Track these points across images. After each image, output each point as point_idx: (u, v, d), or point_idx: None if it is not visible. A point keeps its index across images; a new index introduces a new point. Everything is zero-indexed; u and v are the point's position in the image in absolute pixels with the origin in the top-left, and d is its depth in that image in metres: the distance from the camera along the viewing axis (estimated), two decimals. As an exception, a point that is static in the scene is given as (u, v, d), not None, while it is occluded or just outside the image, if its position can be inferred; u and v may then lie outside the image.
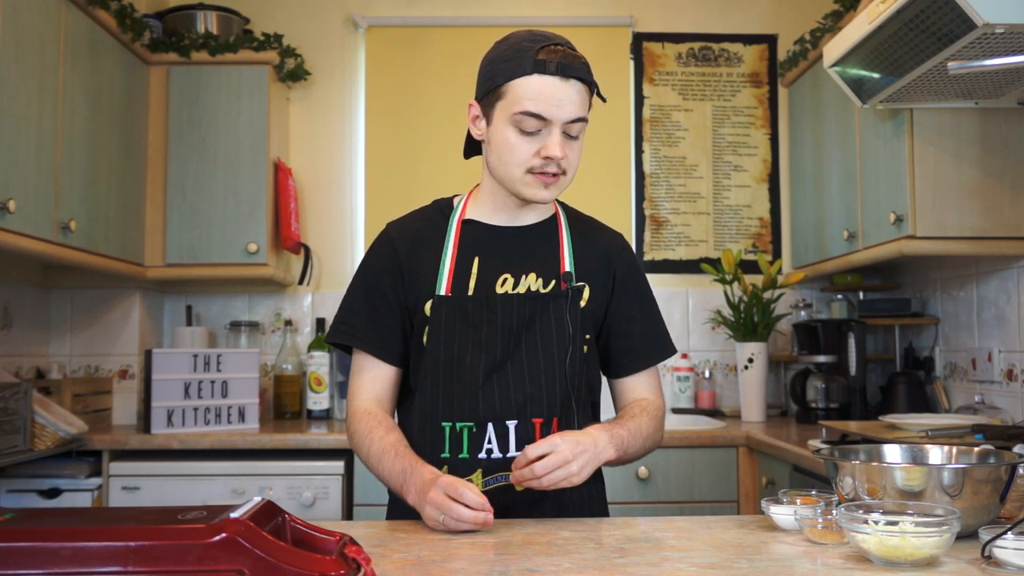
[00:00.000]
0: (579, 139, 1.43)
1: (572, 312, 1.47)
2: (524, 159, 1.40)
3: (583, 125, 1.41)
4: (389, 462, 1.39)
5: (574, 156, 1.42)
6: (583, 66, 1.39)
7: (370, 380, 1.51)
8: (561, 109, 1.36)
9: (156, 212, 2.99)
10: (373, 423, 1.46)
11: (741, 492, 2.66)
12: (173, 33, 3.07)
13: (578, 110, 1.38)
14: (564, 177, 1.43)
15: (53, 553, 0.80)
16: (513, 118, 1.38)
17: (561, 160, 1.39)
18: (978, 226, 2.37)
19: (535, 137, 1.39)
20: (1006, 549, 1.01)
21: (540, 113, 1.36)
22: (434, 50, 3.39)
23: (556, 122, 1.37)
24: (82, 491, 2.62)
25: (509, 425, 1.43)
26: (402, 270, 1.50)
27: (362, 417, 1.48)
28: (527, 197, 1.43)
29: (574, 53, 1.39)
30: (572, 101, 1.37)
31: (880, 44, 2.10)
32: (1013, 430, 1.93)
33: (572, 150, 1.41)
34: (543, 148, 1.38)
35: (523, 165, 1.40)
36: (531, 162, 1.39)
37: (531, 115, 1.36)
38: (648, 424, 1.49)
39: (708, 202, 3.43)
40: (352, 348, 1.53)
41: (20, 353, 2.88)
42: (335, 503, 2.60)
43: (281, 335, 3.30)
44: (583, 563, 1.08)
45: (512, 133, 1.39)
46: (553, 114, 1.36)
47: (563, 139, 1.39)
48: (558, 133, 1.38)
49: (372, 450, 1.43)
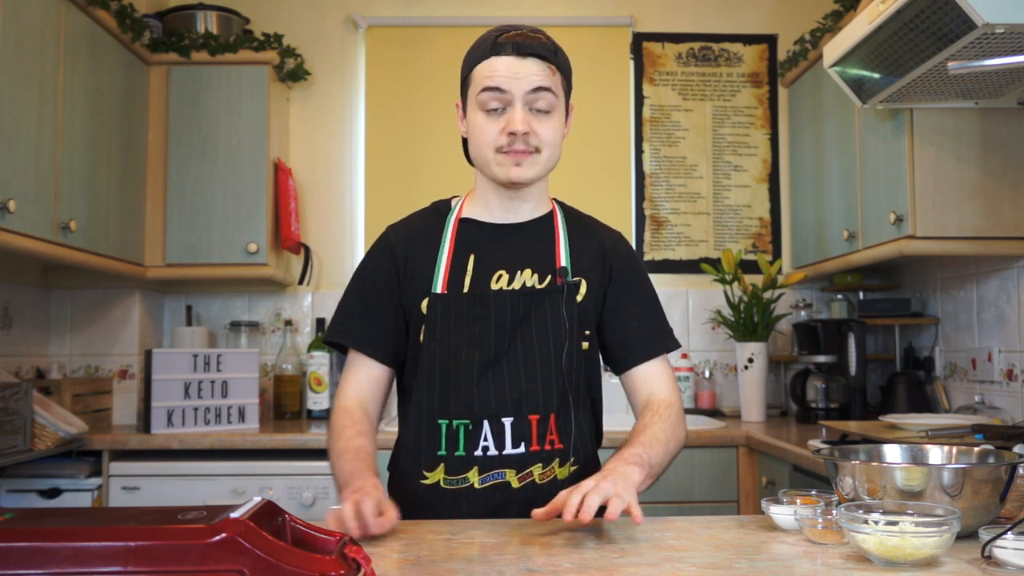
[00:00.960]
0: (552, 115, 1.43)
1: (568, 307, 1.46)
2: (491, 138, 1.42)
3: (553, 99, 1.42)
4: (344, 461, 1.39)
5: (547, 132, 1.43)
6: (542, 45, 1.42)
7: (356, 380, 1.52)
8: (520, 81, 1.40)
9: (156, 212, 2.99)
10: (347, 422, 1.46)
11: (741, 492, 2.66)
12: (173, 33, 3.07)
13: (539, 80, 1.40)
14: (539, 155, 1.43)
15: (53, 553, 0.80)
16: (478, 100, 1.42)
17: (528, 136, 1.41)
18: (978, 226, 2.37)
19: (501, 116, 1.41)
20: (1006, 549, 1.01)
21: (498, 86, 1.40)
22: (434, 50, 3.39)
23: (516, 94, 1.40)
24: (82, 491, 2.62)
25: (505, 422, 1.43)
26: (399, 270, 1.50)
27: (340, 414, 1.48)
28: (502, 178, 1.44)
29: (534, 35, 1.42)
30: (532, 73, 1.40)
31: (880, 44, 2.10)
32: (1013, 430, 1.93)
33: (543, 126, 1.42)
34: (507, 125, 1.40)
35: (491, 145, 1.42)
36: (498, 141, 1.42)
37: (491, 89, 1.40)
38: (664, 429, 1.43)
39: (708, 202, 3.43)
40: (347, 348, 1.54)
41: (20, 353, 2.88)
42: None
43: (281, 335, 3.30)
44: (583, 563, 1.08)
45: (480, 116, 1.43)
46: (511, 85, 1.40)
47: (529, 114, 1.41)
48: (520, 107, 1.40)
49: (336, 447, 1.43)
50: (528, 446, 1.44)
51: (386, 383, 1.54)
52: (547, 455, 1.44)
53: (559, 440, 1.46)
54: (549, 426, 1.45)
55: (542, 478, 1.44)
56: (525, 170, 1.43)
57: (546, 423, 1.45)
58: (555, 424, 1.45)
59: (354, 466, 1.37)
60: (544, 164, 1.45)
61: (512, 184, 1.45)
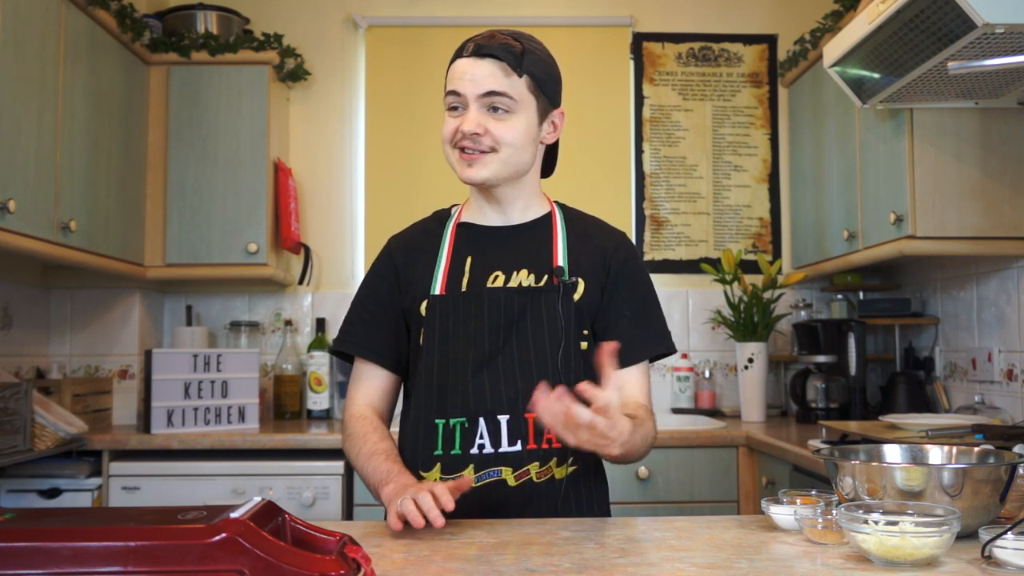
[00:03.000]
0: (513, 116, 1.44)
1: (565, 306, 1.47)
2: (448, 136, 1.47)
3: (509, 101, 1.43)
4: (377, 462, 1.41)
5: (504, 132, 1.44)
6: (503, 47, 1.43)
7: (366, 387, 1.55)
8: (474, 84, 1.43)
9: (156, 212, 2.99)
10: (368, 428, 1.48)
11: (741, 492, 2.66)
12: (173, 33, 3.07)
13: (492, 84, 1.43)
14: (495, 155, 1.45)
15: (53, 553, 0.80)
16: (445, 101, 1.47)
17: (480, 137, 1.43)
18: (978, 226, 2.37)
19: (459, 115, 1.46)
20: (1006, 549, 1.01)
21: (455, 89, 1.44)
22: (434, 50, 3.39)
23: (469, 96, 1.43)
24: (82, 491, 2.62)
25: (501, 420, 1.43)
26: (399, 276, 1.54)
27: (358, 421, 1.50)
28: (460, 176, 1.48)
29: (499, 37, 1.45)
30: (486, 75, 1.43)
31: (880, 44, 2.10)
32: (1013, 430, 1.93)
33: (500, 126, 1.44)
34: (459, 124, 1.45)
35: (449, 142, 1.48)
36: (454, 139, 1.46)
37: (450, 93, 1.45)
38: (648, 431, 1.44)
39: (708, 202, 3.43)
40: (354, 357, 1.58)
41: (20, 353, 2.88)
42: (335, 503, 2.60)
43: (281, 335, 3.30)
44: (583, 563, 1.08)
45: (447, 118, 1.48)
46: (466, 88, 1.43)
47: (486, 114, 1.44)
48: (475, 108, 1.44)
49: (363, 451, 1.44)
50: (525, 444, 1.43)
51: (394, 390, 1.58)
52: (544, 454, 1.44)
53: (557, 439, 1.46)
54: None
55: (539, 476, 1.44)
56: (477, 170, 1.46)
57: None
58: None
59: (391, 466, 1.39)
60: (502, 164, 1.46)
61: (473, 184, 1.49)
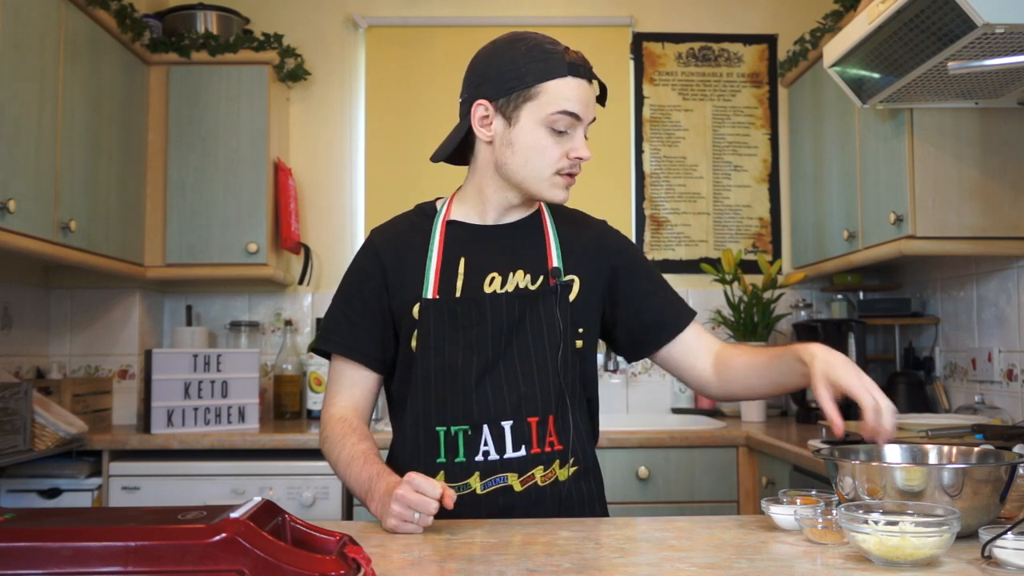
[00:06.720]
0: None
1: (562, 308, 1.47)
2: (554, 160, 1.43)
3: None
4: (357, 469, 1.38)
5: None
6: (591, 69, 1.47)
7: (348, 387, 1.51)
8: (589, 110, 1.44)
9: (156, 212, 2.99)
10: (347, 430, 1.45)
11: (741, 492, 2.66)
12: (173, 33, 3.07)
13: (595, 111, 1.47)
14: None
15: (53, 553, 0.80)
16: (549, 119, 1.40)
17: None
18: (978, 226, 2.37)
19: (564, 138, 1.42)
20: (1006, 549, 1.01)
21: (577, 112, 1.41)
22: (434, 50, 3.39)
23: (585, 121, 1.44)
24: (82, 491, 2.62)
25: (504, 426, 1.43)
26: (386, 275, 1.49)
27: (336, 423, 1.47)
28: (549, 198, 1.46)
29: (582, 56, 1.47)
30: (593, 101, 1.46)
31: (880, 44, 2.10)
32: (1013, 430, 1.94)
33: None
34: (572, 149, 1.43)
35: (553, 166, 1.43)
36: (560, 163, 1.43)
37: (568, 114, 1.40)
38: (749, 347, 1.53)
39: (708, 202, 3.43)
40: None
41: (20, 353, 2.88)
42: (335, 503, 2.60)
43: (281, 335, 3.30)
44: (583, 563, 1.08)
45: (544, 134, 1.42)
46: (586, 114, 1.43)
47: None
48: (583, 134, 1.44)
49: (342, 456, 1.42)
50: (528, 449, 1.43)
51: (376, 390, 1.54)
52: (547, 457, 1.44)
53: (558, 441, 1.46)
54: (548, 428, 1.45)
55: (544, 480, 1.44)
56: (568, 193, 1.48)
57: (545, 425, 1.44)
58: (553, 425, 1.45)
59: (372, 469, 1.36)
60: None
61: (553, 202, 1.48)
